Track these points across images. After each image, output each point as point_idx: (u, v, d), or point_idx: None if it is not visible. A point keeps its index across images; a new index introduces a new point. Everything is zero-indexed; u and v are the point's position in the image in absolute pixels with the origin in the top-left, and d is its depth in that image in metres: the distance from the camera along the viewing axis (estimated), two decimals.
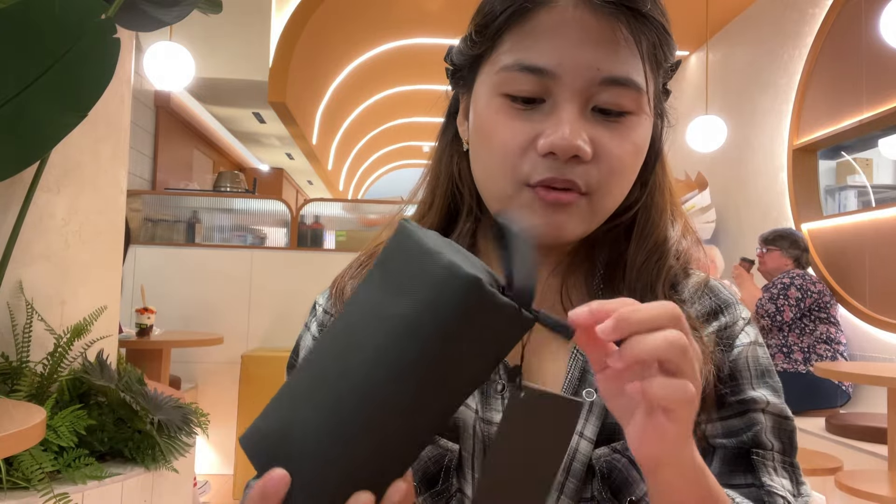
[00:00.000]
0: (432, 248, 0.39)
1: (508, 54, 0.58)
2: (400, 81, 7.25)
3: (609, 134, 0.57)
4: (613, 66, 0.56)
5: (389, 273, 0.41)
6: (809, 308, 3.40)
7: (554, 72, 0.56)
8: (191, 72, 3.88)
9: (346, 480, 0.39)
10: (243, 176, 5.72)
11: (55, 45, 1.50)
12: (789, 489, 0.60)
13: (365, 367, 0.39)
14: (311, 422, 0.39)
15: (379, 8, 5.39)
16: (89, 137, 1.82)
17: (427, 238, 0.40)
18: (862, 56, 3.66)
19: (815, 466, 2.39)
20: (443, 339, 0.38)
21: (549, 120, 0.56)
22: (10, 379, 1.65)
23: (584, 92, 0.56)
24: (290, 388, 0.42)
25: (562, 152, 0.55)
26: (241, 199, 4.95)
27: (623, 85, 0.56)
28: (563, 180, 0.56)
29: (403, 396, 0.38)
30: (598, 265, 0.65)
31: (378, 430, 0.39)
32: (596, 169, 0.57)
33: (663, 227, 0.65)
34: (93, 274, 1.86)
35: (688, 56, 5.79)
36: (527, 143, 0.57)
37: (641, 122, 0.59)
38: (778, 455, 0.61)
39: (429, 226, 0.67)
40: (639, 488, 0.59)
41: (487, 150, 0.60)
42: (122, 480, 1.63)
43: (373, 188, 14.01)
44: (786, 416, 0.63)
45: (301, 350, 0.70)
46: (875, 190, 4.08)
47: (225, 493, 3.78)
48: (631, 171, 0.60)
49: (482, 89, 0.61)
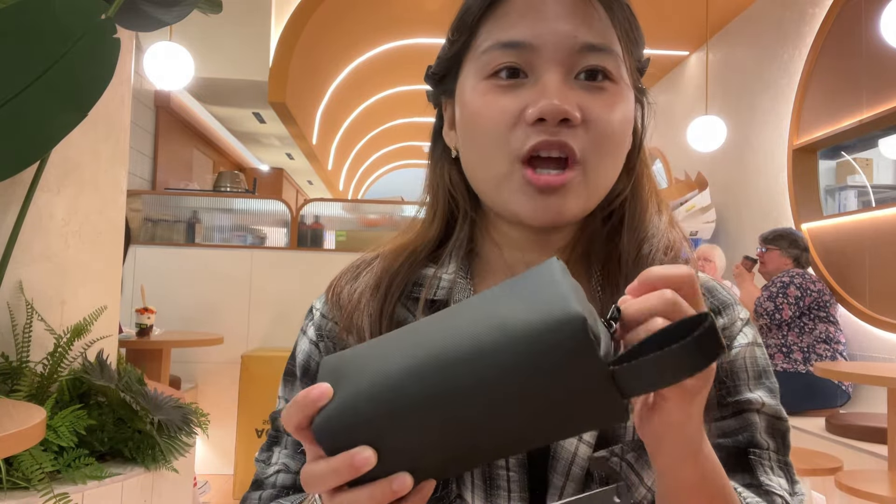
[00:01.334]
0: (560, 281, 0.40)
1: (487, 39, 0.59)
2: (400, 81, 7.25)
3: (595, 99, 0.58)
4: (590, 33, 0.57)
5: (515, 284, 0.42)
6: (809, 307, 3.40)
7: (532, 43, 0.57)
8: (191, 72, 3.88)
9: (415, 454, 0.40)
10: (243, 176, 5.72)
11: (55, 45, 1.50)
12: (786, 488, 0.61)
13: (454, 349, 0.39)
14: (379, 385, 0.40)
15: (379, 8, 5.39)
16: (89, 137, 1.82)
17: (563, 276, 0.41)
18: (862, 56, 3.66)
19: (815, 466, 2.39)
20: (529, 357, 0.38)
21: (535, 90, 0.57)
22: (10, 379, 1.65)
23: (566, 60, 0.57)
24: (356, 361, 0.42)
25: (551, 116, 0.56)
26: (241, 199, 4.95)
27: (602, 50, 0.57)
28: (556, 141, 0.56)
29: (480, 390, 0.38)
30: (595, 265, 0.65)
31: (445, 409, 0.39)
32: (586, 133, 0.57)
33: (650, 219, 0.66)
34: (93, 274, 1.86)
35: (688, 56, 5.79)
36: (516, 117, 0.58)
37: (623, 91, 0.60)
38: (773, 454, 0.62)
39: (433, 237, 0.68)
40: (638, 491, 0.59)
41: (478, 133, 0.60)
42: (122, 480, 1.63)
43: (373, 188, 14.01)
44: (780, 417, 0.63)
45: (298, 355, 0.70)
46: (875, 190, 4.09)
47: (225, 493, 3.78)
48: (620, 140, 0.60)
49: (467, 82, 0.62)
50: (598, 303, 0.63)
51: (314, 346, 0.69)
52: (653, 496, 0.59)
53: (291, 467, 0.68)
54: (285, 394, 0.71)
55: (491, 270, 0.67)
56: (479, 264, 0.68)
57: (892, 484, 2.17)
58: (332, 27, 5.51)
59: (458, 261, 0.66)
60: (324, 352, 0.68)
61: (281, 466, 0.68)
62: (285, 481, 0.68)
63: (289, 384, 0.71)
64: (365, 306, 0.65)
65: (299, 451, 0.68)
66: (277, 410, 0.71)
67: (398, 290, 0.65)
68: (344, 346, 0.66)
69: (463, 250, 0.67)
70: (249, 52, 5.27)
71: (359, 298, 0.66)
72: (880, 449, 2.66)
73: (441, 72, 0.66)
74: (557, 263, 0.42)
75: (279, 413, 0.70)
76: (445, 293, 0.65)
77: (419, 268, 0.67)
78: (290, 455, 0.68)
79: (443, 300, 0.65)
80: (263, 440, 0.72)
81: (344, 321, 0.66)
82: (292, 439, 0.69)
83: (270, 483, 0.68)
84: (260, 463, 0.70)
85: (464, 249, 0.67)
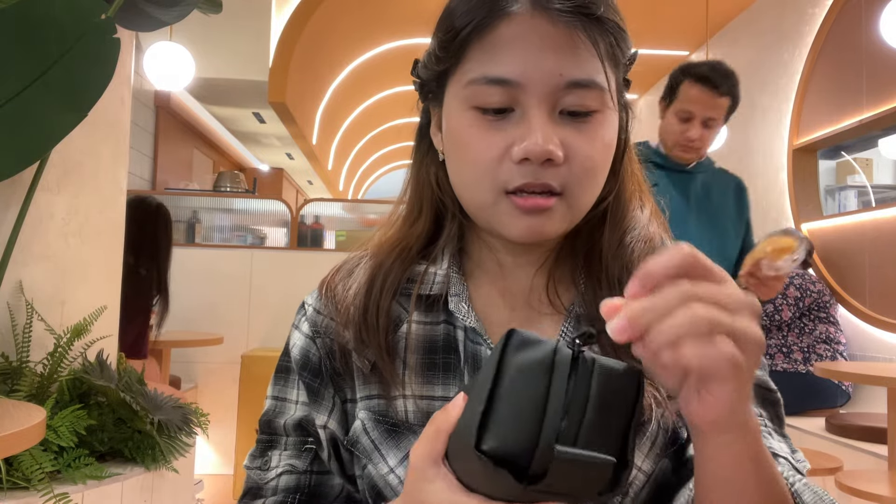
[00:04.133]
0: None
1: (474, 68, 0.60)
2: (400, 81, 7.25)
3: (578, 135, 0.59)
4: (575, 69, 0.58)
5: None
6: (809, 308, 3.40)
7: (519, 81, 0.58)
8: (191, 72, 3.88)
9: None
10: (243, 176, 5.73)
11: (55, 45, 1.50)
12: (787, 452, 0.62)
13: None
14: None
15: (379, 8, 5.38)
16: (89, 137, 1.82)
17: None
18: (862, 56, 3.66)
19: (815, 466, 2.39)
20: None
21: (521, 128, 0.59)
22: (10, 379, 1.65)
23: (550, 97, 0.58)
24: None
25: (535, 157, 0.58)
26: (241, 199, 4.95)
27: (586, 87, 0.58)
28: (539, 184, 0.59)
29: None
30: (580, 259, 0.67)
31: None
32: (568, 169, 0.59)
33: (633, 213, 0.68)
34: (93, 274, 1.86)
35: (688, 56, 5.79)
36: (502, 153, 0.59)
37: (607, 118, 0.61)
38: (768, 423, 0.63)
39: (420, 233, 0.69)
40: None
41: (464, 163, 0.62)
42: (122, 480, 1.63)
43: (373, 188, 14.02)
44: (769, 388, 0.65)
45: (293, 350, 0.70)
46: (875, 190, 4.09)
47: (224, 493, 3.78)
48: (602, 167, 0.62)
49: (453, 103, 0.63)
50: (579, 296, 0.66)
51: (310, 340, 0.69)
52: (646, 477, 0.60)
53: (298, 467, 0.67)
54: (278, 392, 0.70)
55: (482, 269, 0.69)
56: (470, 263, 0.70)
57: (892, 484, 2.17)
58: (332, 27, 5.51)
59: (450, 257, 0.68)
60: (321, 347, 0.68)
61: (285, 468, 0.67)
62: (289, 483, 0.67)
63: (282, 381, 0.70)
64: (360, 303, 0.66)
65: (304, 450, 0.68)
66: (269, 411, 0.70)
67: (392, 287, 0.66)
68: (342, 343, 0.67)
69: (454, 247, 0.69)
70: (249, 52, 5.26)
71: (353, 295, 0.67)
72: (880, 449, 2.66)
73: (427, 80, 0.66)
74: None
75: (273, 414, 0.70)
76: (440, 288, 0.67)
77: (411, 264, 0.68)
78: (295, 455, 0.68)
79: (437, 295, 0.66)
80: None
81: (341, 317, 0.67)
82: (293, 439, 0.68)
83: (272, 488, 0.67)
84: (254, 470, 0.69)
85: (454, 247, 0.69)
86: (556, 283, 0.67)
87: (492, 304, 0.68)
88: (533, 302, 0.67)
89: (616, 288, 0.63)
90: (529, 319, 0.67)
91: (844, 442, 2.84)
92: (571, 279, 0.67)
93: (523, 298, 0.67)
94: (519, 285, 0.67)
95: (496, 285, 0.68)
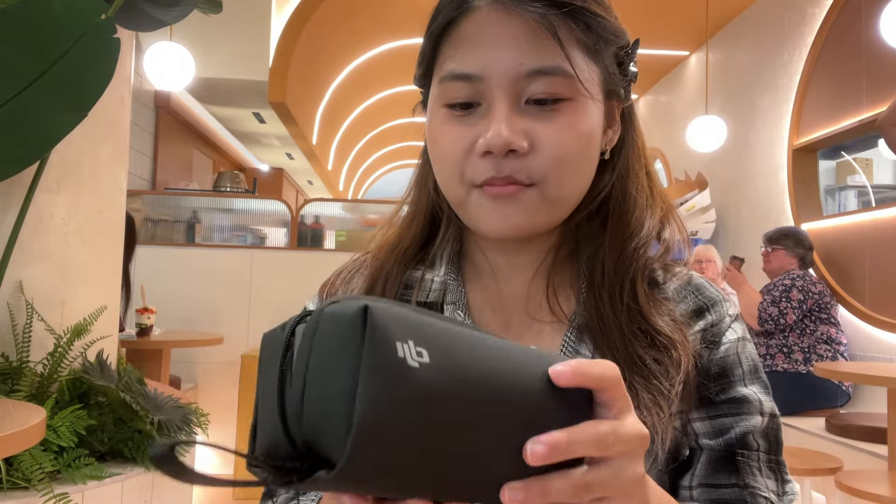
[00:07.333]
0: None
1: (444, 66, 0.61)
2: (400, 81, 7.25)
3: (545, 123, 0.58)
4: (536, 58, 0.57)
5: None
6: (810, 309, 3.40)
7: (481, 75, 0.58)
8: (191, 72, 3.88)
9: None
10: (243, 176, 5.73)
11: (55, 45, 1.50)
12: (773, 489, 0.61)
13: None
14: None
15: (379, 8, 5.39)
16: (89, 137, 1.82)
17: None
18: (862, 56, 3.66)
19: (815, 466, 2.39)
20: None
21: (485, 121, 0.59)
22: (10, 379, 1.65)
23: (512, 88, 0.58)
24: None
25: (496, 149, 0.57)
26: (241, 199, 4.95)
27: (550, 74, 0.57)
28: (503, 177, 0.58)
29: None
30: (582, 264, 0.65)
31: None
32: (535, 159, 0.58)
33: (638, 217, 0.65)
34: (93, 274, 1.86)
35: (688, 56, 5.79)
36: (468, 147, 0.59)
37: (582, 106, 0.59)
38: (763, 455, 0.62)
39: (416, 234, 0.69)
40: None
41: (438, 160, 0.62)
42: (122, 480, 1.63)
43: (373, 188, 14.02)
44: (774, 415, 0.64)
45: None
46: (875, 190, 4.08)
47: (224, 493, 3.78)
48: (578, 156, 0.60)
49: (431, 104, 0.63)
50: (580, 305, 0.63)
51: None
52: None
53: None
54: None
55: (479, 274, 0.68)
56: (469, 266, 0.69)
57: (892, 484, 2.17)
58: (332, 27, 5.51)
59: (448, 262, 0.68)
60: None
61: None
62: None
63: None
64: None
65: None
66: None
67: (391, 294, 0.66)
68: None
69: (451, 251, 0.68)
70: (249, 52, 5.27)
71: None
72: (880, 449, 2.66)
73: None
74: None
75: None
76: (437, 295, 0.66)
77: (408, 269, 0.68)
78: None
79: (435, 302, 0.66)
80: None
81: None
82: None
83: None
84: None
85: (452, 250, 0.68)
86: (555, 290, 0.65)
87: (489, 311, 0.66)
88: (532, 309, 0.65)
89: (617, 297, 0.62)
90: (528, 327, 0.65)
91: (844, 442, 2.83)
92: (573, 289, 0.65)
93: (521, 304, 0.66)
94: (515, 290, 0.66)
95: (492, 290, 0.67)
